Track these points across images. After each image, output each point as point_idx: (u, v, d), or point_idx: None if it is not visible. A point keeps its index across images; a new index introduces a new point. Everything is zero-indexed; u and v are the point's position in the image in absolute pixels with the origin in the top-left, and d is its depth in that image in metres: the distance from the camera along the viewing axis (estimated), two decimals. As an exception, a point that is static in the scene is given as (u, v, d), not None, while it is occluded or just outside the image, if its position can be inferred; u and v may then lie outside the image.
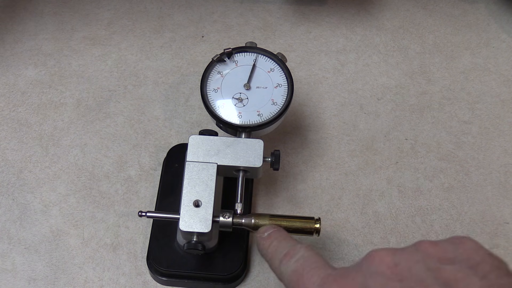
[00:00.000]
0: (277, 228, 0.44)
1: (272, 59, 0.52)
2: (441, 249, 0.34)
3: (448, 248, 0.34)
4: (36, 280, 0.51)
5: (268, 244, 0.42)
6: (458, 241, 0.35)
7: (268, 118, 0.49)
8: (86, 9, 0.68)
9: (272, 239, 0.42)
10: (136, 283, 0.51)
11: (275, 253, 0.41)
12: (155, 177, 0.56)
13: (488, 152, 0.59)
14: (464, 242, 0.35)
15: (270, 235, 0.43)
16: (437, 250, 0.34)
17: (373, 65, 0.65)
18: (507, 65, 0.65)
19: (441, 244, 0.35)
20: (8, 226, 0.53)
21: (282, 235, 0.42)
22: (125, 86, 0.62)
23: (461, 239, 0.35)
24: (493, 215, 0.55)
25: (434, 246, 0.34)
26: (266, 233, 0.43)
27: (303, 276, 0.37)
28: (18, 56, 0.64)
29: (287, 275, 0.38)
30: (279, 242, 0.41)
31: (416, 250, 0.34)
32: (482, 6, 0.70)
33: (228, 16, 0.68)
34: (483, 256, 0.34)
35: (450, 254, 0.34)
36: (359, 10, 0.69)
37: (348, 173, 0.57)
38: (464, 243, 0.35)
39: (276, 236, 0.42)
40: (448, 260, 0.34)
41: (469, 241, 0.35)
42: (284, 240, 0.41)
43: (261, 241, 0.43)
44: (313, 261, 0.38)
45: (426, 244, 0.35)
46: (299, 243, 0.40)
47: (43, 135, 0.59)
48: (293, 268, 0.38)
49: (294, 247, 0.40)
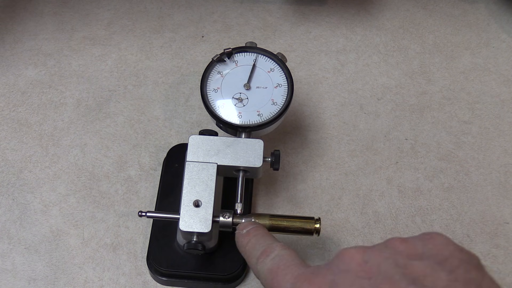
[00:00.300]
0: (256, 225, 0.44)
1: (272, 59, 0.52)
2: (410, 245, 0.35)
3: (417, 244, 0.35)
4: (36, 280, 0.51)
5: (246, 241, 0.42)
6: (428, 237, 0.35)
7: (268, 118, 0.49)
8: (86, 9, 0.68)
9: (250, 237, 0.42)
10: (136, 283, 0.51)
11: (253, 251, 0.41)
12: (155, 177, 0.56)
13: (488, 152, 0.59)
14: (434, 237, 0.35)
15: (249, 232, 0.43)
16: (406, 246, 0.35)
17: (373, 65, 0.65)
18: (507, 65, 0.65)
19: (411, 240, 0.35)
20: (8, 226, 0.53)
21: (260, 232, 0.43)
22: (125, 86, 0.62)
23: (431, 234, 0.35)
24: (493, 215, 0.55)
25: (403, 242, 0.35)
26: (244, 230, 0.43)
27: (277, 274, 0.37)
28: (18, 56, 0.64)
29: (263, 273, 0.39)
30: (257, 240, 0.42)
31: (385, 247, 0.35)
32: (482, 6, 0.70)
33: (228, 16, 0.68)
34: (452, 251, 0.34)
35: (419, 250, 0.34)
36: (359, 10, 0.69)
37: (348, 173, 0.57)
38: (433, 239, 0.35)
39: (254, 234, 0.42)
40: (417, 256, 0.34)
41: (438, 236, 0.35)
42: (261, 237, 0.42)
43: (240, 238, 0.43)
44: (287, 259, 0.38)
45: (395, 241, 0.35)
46: (275, 241, 0.41)
47: (43, 135, 0.59)
48: (268, 267, 0.38)
49: (270, 245, 0.40)
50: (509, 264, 0.53)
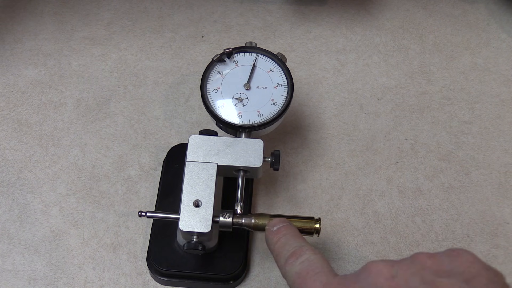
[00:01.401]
0: (287, 223, 0.43)
1: (272, 59, 0.52)
2: (438, 262, 0.35)
3: (445, 261, 0.35)
4: (36, 280, 0.51)
5: (276, 239, 0.42)
6: (455, 254, 0.35)
7: (268, 118, 0.49)
8: (86, 9, 0.68)
9: (280, 235, 0.42)
10: (136, 283, 0.51)
11: (282, 250, 0.40)
12: (155, 177, 0.56)
13: (488, 152, 0.59)
14: (461, 254, 0.35)
15: (279, 230, 0.42)
16: (433, 262, 0.35)
17: (373, 65, 0.65)
18: (507, 65, 0.65)
19: (438, 256, 0.35)
20: (8, 226, 0.53)
21: (291, 232, 0.42)
22: (125, 86, 0.62)
23: (458, 251, 0.35)
24: (493, 215, 0.55)
25: (430, 258, 0.35)
26: (275, 227, 0.43)
27: (306, 280, 0.37)
28: (18, 56, 0.64)
29: (291, 276, 0.38)
30: (287, 240, 0.41)
31: (412, 262, 0.35)
32: (482, 6, 0.70)
33: (228, 16, 0.68)
34: (479, 269, 0.34)
35: (446, 266, 0.34)
36: (359, 10, 0.69)
37: (348, 173, 0.57)
38: (460, 256, 0.35)
39: (285, 233, 0.42)
40: (444, 273, 0.34)
41: (465, 253, 0.35)
42: (292, 238, 0.41)
43: (270, 235, 0.42)
44: (317, 265, 0.38)
45: (423, 256, 0.35)
46: (306, 244, 0.40)
47: (43, 135, 0.59)
48: (297, 270, 0.38)
49: (301, 248, 0.40)
50: (509, 264, 0.53)
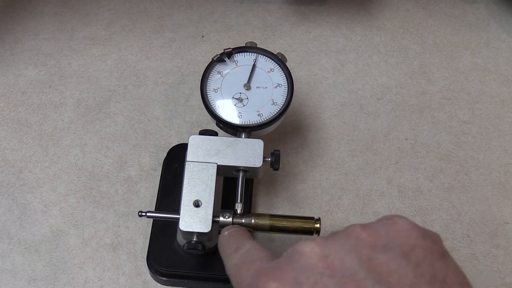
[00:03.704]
0: (238, 227, 0.44)
1: (272, 59, 0.52)
2: (373, 233, 0.33)
3: (381, 232, 0.33)
4: (36, 280, 0.51)
5: (225, 241, 0.42)
6: (390, 222, 0.33)
7: (268, 118, 0.49)
8: (86, 9, 0.68)
9: (229, 237, 0.42)
10: (136, 283, 0.51)
11: (227, 249, 0.40)
12: (155, 177, 0.56)
13: (488, 152, 0.59)
14: (397, 222, 0.33)
15: (230, 234, 0.43)
16: (368, 234, 0.33)
17: (373, 65, 0.65)
18: (507, 65, 0.65)
19: (373, 227, 0.33)
20: (8, 226, 0.53)
21: (239, 232, 0.42)
22: (125, 86, 0.62)
23: (394, 218, 0.34)
24: (493, 215, 0.55)
25: (365, 229, 0.33)
26: (226, 232, 0.43)
27: (241, 269, 0.36)
28: (18, 56, 0.64)
29: (230, 269, 0.38)
30: (233, 239, 0.41)
31: (346, 238, 0.33)
32: (482, 6, 0.70)
33: (228, 16, 0.68)
34: (416, 239, 0.33)
35: (383, 239, 0.33)
36: (359, 10, 0.69)
37: (348, 173, 0.57)
38: (396, 223, 0.33)
39: (234, 235, 0.42)
40: (382, 247, 0.32)
41: (401, 220, 0.33)
42: (238, 237, 0.41)
43: (221, 239, 0.43)
44: (253, 254, 0.37)
45: (357, 229, 0.33)
46: (250, 240, 0.40)
47: (43, 135, 0.59)
48: (235, 262, 0.38)
49: (242, 242, 0.39)
50: (509, 264, 0.53)
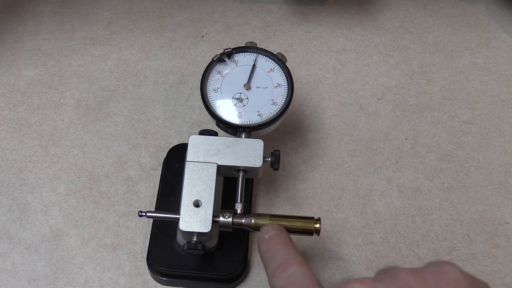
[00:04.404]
0: (279, 230, 0.43)
1: (272, 59, 0.52)
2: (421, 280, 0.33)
3: (429, 279, 0.33)
4: (36, 280, 0.51)
5: (267, 248, 0.41)
6: (438, 270, 0.34)
7: (268, 118, 0.49)
8: (86, 9, 0.68)
9: (271, 244, 0.41)
10: (136, 283, 0.51)
11: (271, 261, 0.40)
12: (155, 177, 0.56)
13: (488, 152, 0.59)
14: (445, 270, 0.33)
15: (271, 239, 0.42)
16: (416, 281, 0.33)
17: (373, 65, 0.65)
18: (507, 65, 0.65)
19: (421, 273, 0.33)
20: (8, 226, 0.53)
21: (282, 241, 0.42)
22: (125, 86, 0.62)
23: (442, 266, 0.34)
24: (493, 215, 0.55)
25: (413, 276, 0.33)
26: (267, 235, 0.42)
27: None
28: (18, 56, 0.64)
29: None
30: (277, 250, 0.41)
31: (395, 282, 0.33)
32: (482, 6, 0.70)
33: (228, 16, 0.68)
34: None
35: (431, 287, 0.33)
36: (359, 10, 0.69)
37: (348, 173, 0.57)
38: (444, 272, 0.33)
39: (276, 241, 0.41)
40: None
41: (450, 269, 0.34)
42: (282, 248, 0.41)
43: (262, 244, 0.42)
44: (301, 280, 0.37)
45: (405, 274, 0.33)
46: (294, 256, 0.40)
47: (43, 135, 0.59)
48: (281, 285, 0.38)
49: (288, 260, 0.39)
50: (509, 264, 0.53)
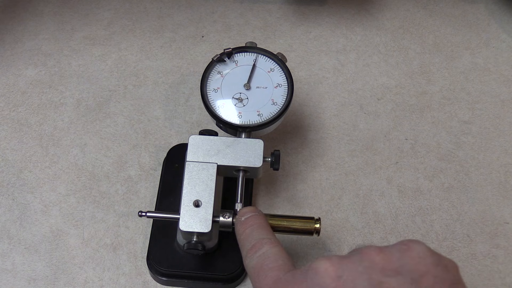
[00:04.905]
0: (255, 212, 0.43)
1: (272, 59, 0.52)
2: (387, 257, 0.33)
3: (394, 256, 0.34)
4: (36, 280, 0.51)
5: (242, 230, 0.42)
6: (405, 247, 0.34)
7: (268, 118, 0.49)
8: (86, 9, 0.68)
9: (246, 226, 0.42)
10: (136, 283, 0.51)
11: (245, 242, 0.41)
12: (155, 177, 0.56)
13: (488, 152, 0.59)
14: (411, 248, 0.34)
15: (246, 221, 0.42)
16: (382, 257, 0.33)
17: (373, 65, 0.65)
18: (507, 65, 0.65)
19: (388, 251, 0.34)
20: (8, 226, 0.53)
21: (257, 223, 0.42)
22: (125, 86, 0.62)
23: (409, 244, 0.34)
24: (493, 215, 0.55)
25: (380, 253, 0.34)
26: (243, 217, 0.43)
27: (259, 274, 0.37)
28: (18, 56, 0.64)
29: (249, 269, 0.39)
30: (251, 231, 0.41)
31: (360, 259, 0.34)
32: (482, 6, 0.70)
33: (228, 16, 0.68)
34: (428, 266, 0.33)
35: (396, 263, 0.33)
36: (359, 10, 0.69)
37: (348, 173, 0.57)
38: (411, 250, 0.34)
39: (251, 223, 0.42)
40: (393, 271, 0.33)
41: (416, 246, 0.34)
42: (256, 229, 0.41)
43: (237, 225, 0.43)
44: (271, 259, 0.38)
45: (372, 252, 0.34)
46: (268, 236, 0.40)
47: (43, 135, 0.59)
48: (253, 264, 0.38)
49: (261, 240, 0.40)
50: (509, 264, 0.53)
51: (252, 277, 0.38)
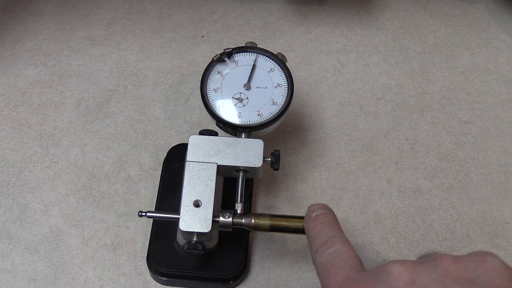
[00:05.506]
0: (326, 210, 0.43)
1: (272, 59, 0.52)
2: (462, 267, 0.33)
3: (469, 267, 0.33)
4: (36, 280, 0.51)
5: (312, 226, 0.42)
6: (480, 259, 0.34)
7: (268, 118, 0.49)
8: (86, 9, 0.68)
9: (317, 223, 0.42)
10: (136, 283, 0.51)
11: (315, 239, 0.40)
12: (155, 177, 0.56)
13: (488, 152, 0.59)
14: (486, 260, 0.34)
15: (317, 217, 0.42)
16: (457, 267, 0.33)
17: (373, 65, 0.65)
18: (507, 65, 0.65)
19: (462, 260, 0.34)
20: (8, 226, 0.53)
21: (328, 220, 0.42)
22: (125, 86, 0.62)
23: (484, 256, 0.34)
24: (493, 215, 0.55)
25: (454, 263, 0.34)
26: (314, 214, 0.43)
27: (329, 272, 0.37)
28: (18, 56, 0.64)
29: (318, 266, 0.39)
30: (322, 228, 0.41)
31: (435, 267, 0.34)
32: (482, 6, 0.70)
33: (228, 16, 0.68)
34: (503, 280, 0.33)
35: (470, 274, 0.33)
36: (359, 10, 0.69)
37: (348, 173, 0.57)
38: (486, 262, 0.34)
39: (322, 220, 0.42)
40: (467, 282, 0.33)
41: (491, 259, 0.34)
42: (327, 226, 0.41)
43: (307, 221, 0.43)
44: (343, 258, 0.38)
45: (446, 260, 0.34)
46: (339, 234, 0.40)
47: (43, 135, 0.59)
48: (323, 261, 0.38)
49: (332, 238, 0.40)
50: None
51: (321, 274, 0.38)
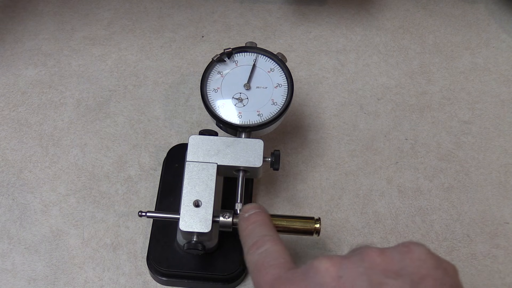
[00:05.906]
0: (259, 209, 0.43)
1: (272, 59, 0.52)
2: (388, 259, 0.33)
3: (395, 258, 0.34)
4: (36, 280, 0.51)
5: (245, 226, 0.42)
6: (406, 249, 0.34)
7: (268, 118, 0.49)
8: (86, 9, 0.68)
9: (249, 223, 0.42)
10: (136, 283, 0.51)
11: (247, 239, 0.41)
12: (155, 177, 0.56)
13: (488, 152, 0.59)
14: (412, 250, 0.34)
15: (249, 217, 0.42)
16: (383, 259, 0.33)
17: (373, 65, 0.65)
18: (507, 65, 0.65)
19: (388, 252, 0.34)
20: (8, 226, 0.53)
21: (260, 220, 0.42)
22: (125, 86, 0.62)
23: (409, 246, 0.34)
24: (493, 215, 0.55)
25: (380, 255, 0.34)
26: (246, 214, 0.43)
27: (260, 271, 0.37)
28: (18, 56, 0.64)
29: (250, 266, 0.39)
30: (254, 228, 0.41)
31: (361, 260, 0.34)
32: (482, 6, 0.70)
33: (228, 16, 0.68)
34: (429, 269, 0.33)
35: (396, 265, 0.33)
36: (359, 10, 0.69)
37: (348, 173, 0.57)
38: (411, 252, 0.34)
39: (254, 220, 0.42)
40: (393, 273, 0.33)
41: (417, 249, 0.34)
42: (259, 226, 0.41)
43: (240, 222, 0.43)
44: (273, 257, 0.38)
45: (373, 253, 0.34)
46: (270, 233, 0.40)
47: (43, 135, 0.59)
48: (254, 261, 0.38)
49: (263, 237, 0.40)
50: (509, 264, 0.53)
51: (252, 273, 0.38)
